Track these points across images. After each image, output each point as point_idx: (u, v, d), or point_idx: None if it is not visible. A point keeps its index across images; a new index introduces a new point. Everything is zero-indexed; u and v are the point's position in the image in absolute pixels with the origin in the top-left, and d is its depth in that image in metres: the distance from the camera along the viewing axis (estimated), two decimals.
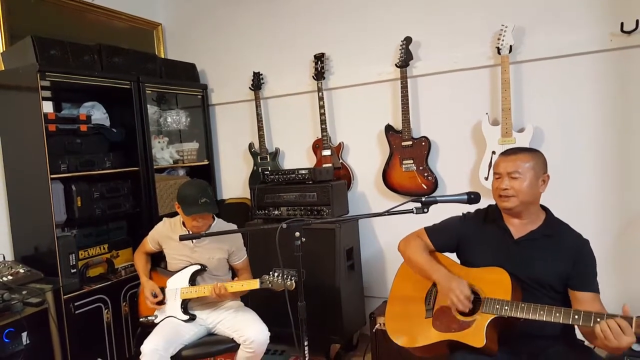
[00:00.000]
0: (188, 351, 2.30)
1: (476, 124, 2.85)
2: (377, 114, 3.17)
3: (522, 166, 1.72)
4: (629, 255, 2.58)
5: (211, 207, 2.37)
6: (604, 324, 1.41)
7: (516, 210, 1.75)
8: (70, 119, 2.89)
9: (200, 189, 2.38)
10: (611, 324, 1.40)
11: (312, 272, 2.14)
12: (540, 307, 1.55)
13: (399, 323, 1.91)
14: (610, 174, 2.59)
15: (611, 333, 1.39)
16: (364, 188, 3.31)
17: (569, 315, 1.50)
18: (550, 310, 1.53)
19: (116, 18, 3.60)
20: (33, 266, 2.61)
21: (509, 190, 1.72)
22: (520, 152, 1.77)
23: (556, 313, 1.52)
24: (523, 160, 1.73)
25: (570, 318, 1.49)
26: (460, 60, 2.88)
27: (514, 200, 1.72)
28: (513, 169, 1.72)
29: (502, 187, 1.74)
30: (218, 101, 3.82)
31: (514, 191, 1.72)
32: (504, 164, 1.76)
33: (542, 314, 1.54)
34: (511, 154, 1.77)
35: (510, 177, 1.73)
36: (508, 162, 1.75)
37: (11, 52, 2.81)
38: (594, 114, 2.60)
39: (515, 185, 1.72)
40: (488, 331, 1.63)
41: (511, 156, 1.76)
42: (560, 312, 1.51)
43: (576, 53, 2.60)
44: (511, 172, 1.72)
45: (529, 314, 1.56)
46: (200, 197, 2.33)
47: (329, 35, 3.31)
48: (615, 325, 1.39)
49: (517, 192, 1.71)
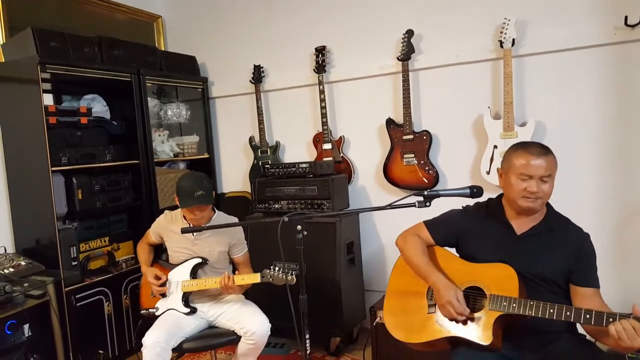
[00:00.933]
0: (189, 344, 2.30)
1: (478, 118, 2.84)
2: (378, 108, 3.16)
3: (553, 168, 1.68)
4: (629, 249, 2.58)
5: (206, 199, 2.35)
6: (618, 325, 1.41)
7: (536, 210, 1.71)
8: (71, 111, 2.88)
9: (196, 181, 2.36)
10: (625, 326, 1.40)
11: (312, 266, 2.15)
12: (550, 305, 1.53)
13: (399, 317, 1.87)
14: (611, 168, 2.59)
15: (625, 334, 1.39)
16: (365, 182, 3.30)
17: (580, 315, 1.48)
18: (561, 309, 1.51)
19: (116, 10, 3.58)
20: (34, 259, 2.61)
21: (538, 193, 1.66)
22: (549, 153, 1.69)
23: (567, 312, 1.50)
24: (553, 162, 1.68)
25: (582, 318, 1.48)
26: (462, 54, 2.87)
27: (539, 202, 1.68)
28: (546, 172, 1.66)
29: (533, 190, 1.66)
30: (218, 94, 3.81)
31: (543, 194, 1.67)
32: (536, 165, 1.66)
33: (552, 312, 1.52)
34: (542, 155, 1.67)
35: (542, 180, 1.66)
36: (540, 164, 1.66)
37: (11, 43, 2.80)
38: (597, 108, 2.59)
39: (545, 188, 1.66)
40: (495, 328, 1.62)
41: (542, 157, 1.67)
42: (571, 311, 1.50)
43: (579, 47, 2.58)
44: (544, 175, 1.66)
45: (539, 312, 1.54)
46: (196, 189, 2.32)
47: (331, 28, 3.29)
48: (630, 326, 1.39)
49: (545, 195, 1.67)
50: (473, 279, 1.74)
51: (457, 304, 1.66)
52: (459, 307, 1.66)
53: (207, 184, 2.39)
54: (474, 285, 1.73)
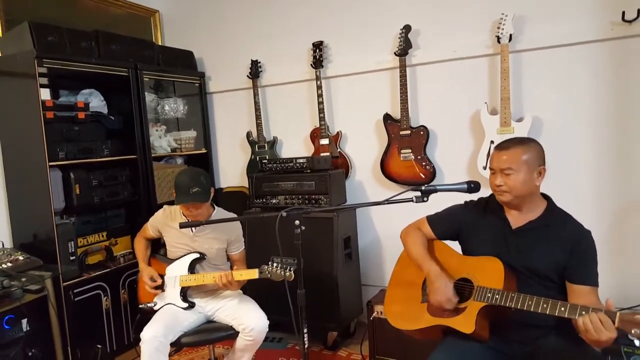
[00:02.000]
0: (187, 338, 2.32)
1: (475, 114, 2.85)
2: (375, 103, 3.16)
3: (515, 161, 1.69)
4: (626, 243, 2.60)
5: (200, 196, 2.33)
6: (586, 317, 1.42)
7: (513, 204, 1.75)
8: (68, 106, 2.88)
9: (193, 178, 2.34)
10: (592, 318, 1.41)
11: (309, 261, 2.15)
12: (529, 297, 1.56)
13: (398, 306, 1.97)
14: (608, 163, 2.60)
15: (592, 326, 1.40)
16: (362, 177, 3.31)
17: (555, 306, 1.51)
18: (539, 302, 1.54)
19: (113, 5, 3.57)
20: (32, 253, 2.61)
21: (502, 186, 1.71)
22: (514, 146, 1.72)
23: (544, 304, 1.53)
24: (516, 155, 1.70)
25: (557, 310, 1.50)
26: (459, 49, 2.87)
27: (507, 195, 1.72)
28: (506, 165, 1.70)
29: (496, 183, 1.73)
30: (216, 89, 3.80)
31: (508, 187, 1.70)
32: (497, 159, 1.73)
33: (530, 304, 1.55)
34: (504, 148, 1.73)
35: (504, 173, 1.71)
36: (500, 157, 1.72)
37: (8, 38, 2.78)
38: (594, 104, 2.60)
39: (508, 181, 1.70)
40: (479, 319, 1.66)
41: (504, 151, 1.72)
42: (548, 303, 1.52)
43: (576, 42, 2.59)
44: (504, 168, 1.70)
45: (518, 303, 1.58)
46: (192, 186, 2.30)
47: (328, 24, 3.28)
48: (597, 319, 1.40)
49: (510, 188, 1.70)
50: (465, 271, 1.80)
51: (446, 292, 1.74)
52: (447, 295, 1.74)
53: (204, 181, 2.37)
54: (465, 277, 1.79)
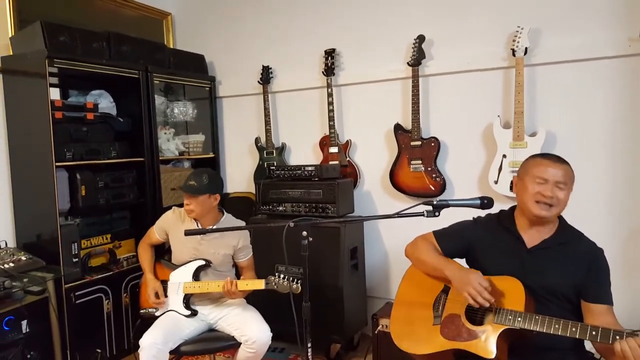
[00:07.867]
0: (187, 347, 2.27)
1: (487, 127, 2.80)
2: (386, 113, 3.13)
3: (569, 178, 1.65)
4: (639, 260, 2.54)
5: (192, 189, 2.37)
6: (624, 343, 1.37)
7: (547, 220, 1.69)
8: (77, 106, 2.87)
9: (197, 173, 2.44)
10: (631, 344, 1.36)
11: (315, 270, 2.12)
12: (555, 320, 1.50)
13: (404, 327, 1.86)
14: (622, 181, 2.55)
15: (631, 353, 1.35)
16: (371, 187, 3.27)
17: (585, 330, 1.44)
18: (567, 325, 1.48)
19: (126, 6, 3.57)
20: (35, 254, 2.59)
21: (553, 199, 1.64)
22: (566, 163, 1.68)
23: (572, 328, 1.46)
24: (570, 172, 1.67)
25: (588, 334, 1.44)
26: (473, 61, 2.83)
27: (553, 210, 1.65)
28: (563, 178, 1.64)
29: (548, 195, 1.64)
30: (226, 94, 3.79)
31: (557, 201, 1.64)
32: (553, 170, 1.65)
33: (557, 327, 1.49)
34: (559, 161, 1.67)
35: (557, 186, 1.64)
36: (558, 170, 1.65)
37: (20, 37, 2.78)
38: (608, 121, 2.55)
39: (560, 195, 1.64)
40: (499, 342, 1.59)
41: (560, 164, 1.66)
42: (577, 327, 1.46)
43: (593, 57, 2.54)
44: (560, 181, 1.64)
45: (544, 327, 1.51)
46: (191, 178, 2.38)
47: (341, 31, 3.26)
48: (635, 345, 1.36)
49: (558, 203, 1.64)
50: None
51: (479, 281, 1.64)
52: (482, 282, 1.63)
53: (205, 180, 2.38)
54: None
